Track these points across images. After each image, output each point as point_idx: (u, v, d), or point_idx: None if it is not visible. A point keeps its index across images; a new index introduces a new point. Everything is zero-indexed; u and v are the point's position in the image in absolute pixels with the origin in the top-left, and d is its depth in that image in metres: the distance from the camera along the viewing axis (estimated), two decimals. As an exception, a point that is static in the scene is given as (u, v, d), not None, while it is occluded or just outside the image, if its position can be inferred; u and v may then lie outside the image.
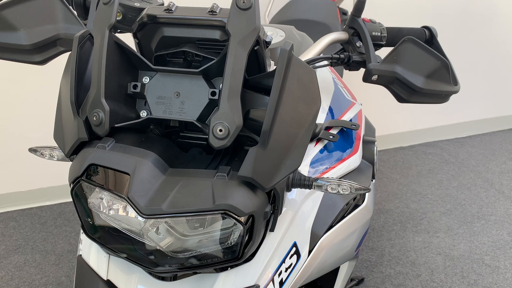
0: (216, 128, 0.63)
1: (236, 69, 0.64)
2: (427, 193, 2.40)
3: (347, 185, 0.75)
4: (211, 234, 0.68)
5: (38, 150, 0.87)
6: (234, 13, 0.65)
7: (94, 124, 0.67)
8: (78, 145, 0.70)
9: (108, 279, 0.80)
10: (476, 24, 2.67)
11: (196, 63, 0.75)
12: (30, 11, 0.89)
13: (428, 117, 2.82)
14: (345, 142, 1.05)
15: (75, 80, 0.70)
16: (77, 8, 1.03)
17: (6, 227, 2.24)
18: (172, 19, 0.72)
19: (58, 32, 0.89)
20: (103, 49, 0.67)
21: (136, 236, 0.69)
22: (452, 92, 1.04)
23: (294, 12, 1.81)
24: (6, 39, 0.87)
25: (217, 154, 0.74)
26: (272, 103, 0.63)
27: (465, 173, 2.56)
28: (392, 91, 1.01)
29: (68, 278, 1.94)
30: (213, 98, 0.70)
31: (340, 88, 1.23)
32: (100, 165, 0.66)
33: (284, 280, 0.82)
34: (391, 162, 2.69)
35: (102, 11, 0.70)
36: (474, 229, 2.13)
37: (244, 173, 0.63)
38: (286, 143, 0.66)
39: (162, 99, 0.71)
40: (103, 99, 0.67)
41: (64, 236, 2.17)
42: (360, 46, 1.03)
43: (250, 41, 0.65)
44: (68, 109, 0.71)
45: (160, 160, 0.68)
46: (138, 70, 0.73)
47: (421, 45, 0.97)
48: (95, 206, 0.70)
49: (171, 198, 0.63)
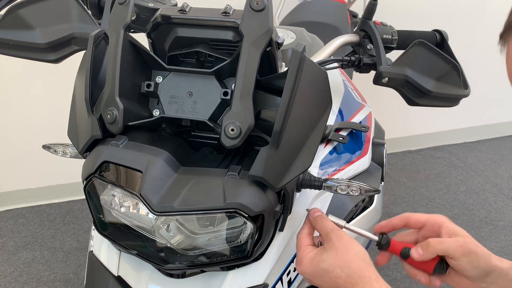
0: (228, 128, 0.64)
1: (249, 69, 0.65)
2: (435, 197, 2.39)
3: (356, 187, 0.76)
4: (221, 232, 0.69)
5: (52, 147, 0.88)
6: (248, 15, 0.66)
7: (108, 122, 0.68)
8: (92, 142, 0.71)
9: (119, 275, 0.81)
10: (488, 28, 2.66)
11: (208, 64, 0.76)
12: (46, 10, 0.90)
13: (437, 121, 2.81)
14: (355, 144, 1.05)
15: (90, 79, 0.71)
16: (91, 8, 1.05)
17: (15, 224, 2.26)
18: (185, 19, 0.73)
19: (73, 31, 0.90)
20: (118, 48, 0.68)
21: (147, 233, 0.70)
22: (462, 96, 1.04)
23: (304, 14, 1.82)
24: (22, 38, 0.88)
25: (228, 153, 0.75)
26: (284, 103, 0.63)
27: (474, 178, 2.55)
28: (402, 93, 1.01)
29: (76, 275, 1.95)
30: (225, 98, 0.70)
31: (350, 90, 1.24)
32: (114, 163, 0.67)
33: (292, 279, 0.83)
34: (399, 165, 2.69)
35: (117, 11, 0.71)
36: (482, 234, 2.12)
37: (255, 172, 0.64)
38: (297, 143, 0.66)
39: (175, 98, 0.72)
40: (117, 97, 0.68)
41: (72, 234, 2.19)
42: (371, 48, 1.03)
43: (263, 42, 0.66)
44: (83, 107, 0.72)
45: (172, 158, 0.69)
46: (152, 69, 0.74)
47: (432, 49, 0.97)
48: (107, 203, 0.71)
49: (182, 196, 0.64)
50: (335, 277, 0.66)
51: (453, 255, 0.69)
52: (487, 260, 0.70)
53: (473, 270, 0.70)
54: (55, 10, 0.90)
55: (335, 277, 0.66)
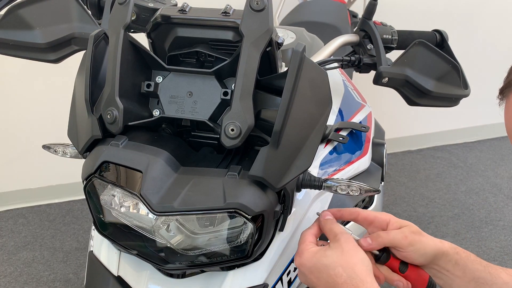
0: (228, 128, 0.64)
1: (249, 69, 0.65)
2: (435, 197, 2.39)
3: (356, 187, 0.76)
4: (220, 232, 0.69)
5: (52, 147, 0.88)
6: (248, 15, 0.66)
7: (108, 122, 0.68)
8: (92, 142, 0.71)
9: (119, 275, 0.81)
10: (487, 27, 2.66)
11: (208, 64, 0.76)
12: (46, 10, 0.90)
13: (437, 121, 2.81)
14: (355, 144, 1.05)
15: (90, 79, 0.71)
16: (91, 8, 1.05)
17: (15, 224, 2.26)
18: (185, 19, 0.73)
19: (73, 31, 0.90)
20: (118, 48, 0.68)
21: (147, 233, 0.70)
22: (462, 96, 1.04)
23: (304, 14, 1.82)
24: (22, 38, 0.88)
25: (228, 153, 0.75)
26: (284, 103, 0.63)
27: (474, 178, 2.55)
28: (402, 93, 1.01)
29: (76, 275, 1.95)
30: (225, 98, 0.70)
31: (350, 90, 1.24)
32: (114, 163, 0.67)
33: (292, 279, 0.83)
34: (399, 165, 2.69)
35: (117, 11, 0.71)
36: (482, 234, 2.12)
37: (255, 172, 0.64)
38: (297, 143, 0.66)
39: (175, 98, 0.72)
40: (117, 97, 0.68)
41: (72, 234, 2.19)
42: (371, 48, 1.03)
43: (263, 43, 0.66)
44: (83, 107, 0.72)
45: (172, 158, 0.69)
46: (152, 69, 0.74)
47: (432, 49, 0.97)
48: (107, 203, 0.71)
49: (182, 196, 0.64)
50: (335, 275, 0.66)
51: (400, 245, 0.72)
52: (432, 246, 0.73)
53: (420, 258, 0.73)
54: (55, 10, 0.90)
55: (335, 275, 0.66)
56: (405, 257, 0.73)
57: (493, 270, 0.76)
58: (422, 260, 0.73)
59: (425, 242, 0.73)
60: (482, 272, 0.75)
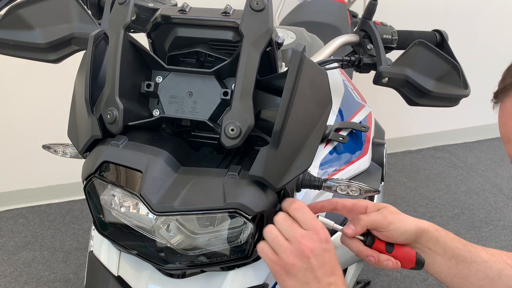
0: (228, 128, 0.64)
1: (249, 69, 0.65)
2: (435, 197, 2.39)
3: (356, 187, 0.76)
4: (220, 232, 0.69)
5: (52, 147, 0.88)
6: (248, 15, 0.66)
7: (108, 122, 0.68)
8: (92, 142, 0.71)
9: (119, 275, 0.81)
10: (487, 27, 2.66)
11: (208, 64, 0.76)
12: (46, 10, 0.90)
13: (437, 121, 2.81)
14: (355, 144, 1.05)
15: (90, 79, 0.71)
16: (91, 8, 1.05)
17: (15, 224, 2.26)
18: (185, 19, 0.73)
19: (73, 31, 0.91)
20: (118, 48, 0.68)
21: (147, 233, 0.70)
22: (462, 96, 1.04)
23: (304, 14, 1.82)
24: (22, 38, 0.89)
25: (228, 153, 0.75)
26: (284, 103, 0.63)
27: (474, 178, 2.55)
28: (402, 93, 1.01)
29: (76, 275, 1.95)
30: (225, 98, 0.71)
31: (350, 90, 1.24)
32: (113, 163, 0.67)
33: (292, 279, 0.83)
34: (399, 165, 2.69)
35: (117, 11, 0.71)
36: (482, 234, 2.12)
37: (255, 172, 0.64)
38: (297, 143, 0.66)
39: (175, 98, 0.72)
40: (117, 97, 0.68)
41: (72, 234, 2.19)
42: (371, 48, 1.03)
43: (263, 42, 0.66)
44: (83, 107, 0.72)
45: (172, 158, 0.69)
46: (152, 69, 0.74)
47: (431, 49, 0.97)
48: (107, 203, 0.71)
49: (182, 196, 0.64)
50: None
51: (380, 225, 0.74)
52: (411, 223, 0.75)
53: (402, 236, 0.74)
54: (55, 10, 0.91)
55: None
56: (388, 237, 0.75)
57: (473, 248, 0.78)
58: (404, 239, 0.75)
59: (404, 220, 0.75)
60: (461, 250, 0.77)
